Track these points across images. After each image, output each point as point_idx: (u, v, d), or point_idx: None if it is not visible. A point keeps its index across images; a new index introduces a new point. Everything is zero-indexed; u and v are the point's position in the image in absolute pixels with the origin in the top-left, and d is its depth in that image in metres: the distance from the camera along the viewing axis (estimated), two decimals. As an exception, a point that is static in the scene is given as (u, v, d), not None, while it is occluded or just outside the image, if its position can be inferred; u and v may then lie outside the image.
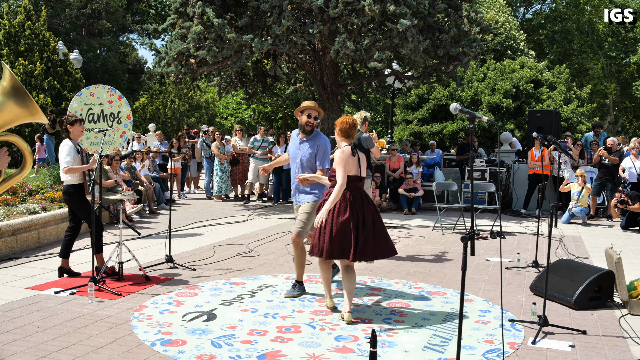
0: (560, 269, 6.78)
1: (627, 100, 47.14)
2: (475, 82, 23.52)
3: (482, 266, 8.36)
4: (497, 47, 31.10)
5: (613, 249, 6.68)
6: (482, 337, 5.33)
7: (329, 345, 5.03)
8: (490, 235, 10.99)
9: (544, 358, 4.87)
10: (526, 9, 47.63)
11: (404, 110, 24.88)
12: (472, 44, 14.77)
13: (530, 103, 22.53)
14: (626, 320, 5.85)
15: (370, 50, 13.39)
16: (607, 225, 13.06)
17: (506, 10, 34.56)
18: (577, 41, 43.04)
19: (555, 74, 25.53)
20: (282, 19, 12.94)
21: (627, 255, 9.33)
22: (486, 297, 6.67)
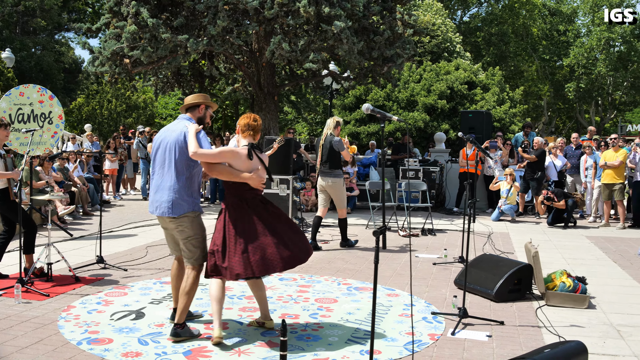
0: (482, 264, 7.05)
1: (560, 101, 48.58)
2: (411, 83, 23.92)
3: (412, 262, 8.57)
4: (434, 49, 31.66)
5: (532, 243, 6.97)
6: (404, 329, 5.51)
7: (255, 340, 5.14)
8: (422, 232, 11.27)
9: (462, 348, 5.08)
10: (463, 12, 48.61)
11: (342, 111, 25.11)
12: (406, 46, 15.06)
13: (464, 104, 23.03)
14: (542, 311, 6.12)
15: (306, 51, 13.54)
16: (535, 222, 13.53)
17: (443, 13, 35.20)
18: (513, 44, 44.13)
19: (489, 76, 26.16)
20: (217, 20, 12.97)
21: (550, 250, 9.72)
22: (412, 292, 6.86)
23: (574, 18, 48.18)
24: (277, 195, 12.03)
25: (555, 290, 6.45)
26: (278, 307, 6.15)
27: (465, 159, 14.46)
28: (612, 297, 6.86)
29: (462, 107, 22.62)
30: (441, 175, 15.70)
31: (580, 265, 8.53)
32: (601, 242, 10.80)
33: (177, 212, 5.11)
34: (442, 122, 22.45)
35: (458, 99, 23.29)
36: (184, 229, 5.17)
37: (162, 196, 5.15)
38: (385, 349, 4.97)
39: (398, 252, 9.37)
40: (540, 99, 48.82)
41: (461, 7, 48.01)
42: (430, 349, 5.04)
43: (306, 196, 14.45)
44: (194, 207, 5.21)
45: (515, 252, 9.62)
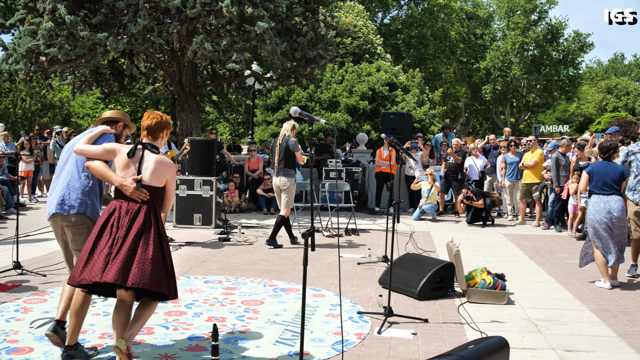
0: (405, 263, 7.18)
1: (477, 103, 49.99)
2: (333, 84, 24.08)
3: (335, 262, 8.65)
4: (356, 51, 31.97)
5: (453, 242, 7.14)
6: (331, 329, 5.55)
7: (182, 344, 5.07)
8: (346, 232, 11.37)
9: (388, 346, 5.16)
10: (384, 14, 49.31)
11: (264, 111, 25.04)
12: (329, 47, 15.17)
13: (385, 105, 23.35)
14: (464, 308, 6.29)
15: (229, 51, 13.45)
16: (455, 221, 13.87)
17: (364, 15, 35.61)
18: (432, 46, 45.08)
19: (409, 78, 26.62)
20: (138, 18, 12.73)
21: (470, 248, 9.98)
22: (338, 292, 6.92)
23: (490, 22, 49.68)
24: (201, 197, 11.93)
25: (476, 287, 6.63)
26: (204, 310, 6.08)
27: (382, 159, 14.70)
28: (529, 292, 7.11)
29: (384, 108, 22.92)
30: (363, 176, 15.89)
31: (498, 263, 8.80)
32: (518, 240, 11.18)
33: (68, 210, 4.77)
34: (364, 123, 22.69)
35: (379, 100, 23.59)
36: (73, 230, 4.81)
37: (54, 196, 4.84)
38: (314, 349, 5.00)
39: (323, 252, 9.43)
40: (458, 100, 50.12)
41: (381, 10, 48.69)
42: (358, 348, 5.10)
43: (229, 197, 14.35)
44: (86, 209, 4.81)
45: (436, 250, 9.84)
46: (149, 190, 4.39)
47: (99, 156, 4.51)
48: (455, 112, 51.33)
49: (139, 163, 4.43)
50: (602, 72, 77.79)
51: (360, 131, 21.27)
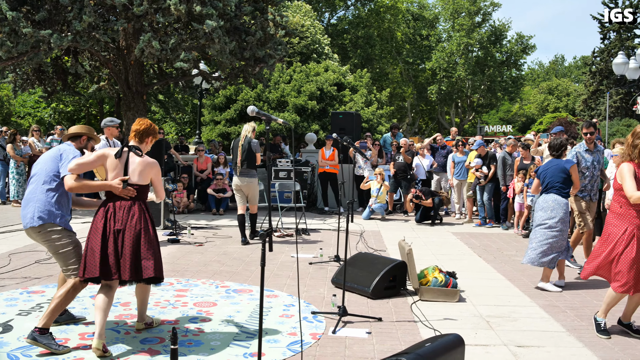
0: (358, 262, 7.20)
1: (423, 103, 50.63)
2: (281, 84, 24.05)
3: (287, 263, 8.63)
4: (304, 51, 32.02)
5: (405, 241, 7.19)
6: (286, 330, 5.52)
7: (134, 348, 4.97)
8: (296, 232, 11.34)
9: (343, 346, 5.16)
10: (331, 14, 49.47)
11: (212, 111, 24.85)
12: (278, 47, 15.12)
13: (334, 105, 23.45)
14: (417, 306, 6.34)
15: (177, 50, 13.28)
16: (404, 220, 13.99)
17: (312, 15, 35.67)
18: (379, 47, 45.44)
19: (357, 78, 26.78)
20: (83, 15, 12.45)
21: (420, 247, 10.07)
22: (291, 292, 6.90)
23: (436, 23, 50.37)
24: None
25: (429, 285, 6.69)
26: (156, 313, 5.98)
27: (325, 159, 14.75)
28: (479, 290, 7.22)
29: (332, 108, 23.01)
30: (312, 176, 15.90)
31: (448, 261, 8.91)
32: (466, 238, 11.34)
33: (38, 222, 5.04)
34: (312, 122, 22.73)
35: (328, 99, 23.67)
36: (50, 241, 5.10)
37: (26, 210, 5.10)
38: (269, 350, 4.97)
39: (274, 253, 9.37)
40: (405, 100, 50.63)
41: (328, 10, 48.85)
42: (313, 349, 5.08)
43: (177, 198, 14.18)
44: (55, 219, 5.09)
45: (387, 249, 9.90)
46: (136, 188, 5.00)
47: (94, 165, 5.03)
48: (402, 112, 51.89)
49: (125, 164, 5.00)
50: (543, 73, 79.76)
51: (308, 131, 21.31)
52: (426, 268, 6.94)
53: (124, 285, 5.10)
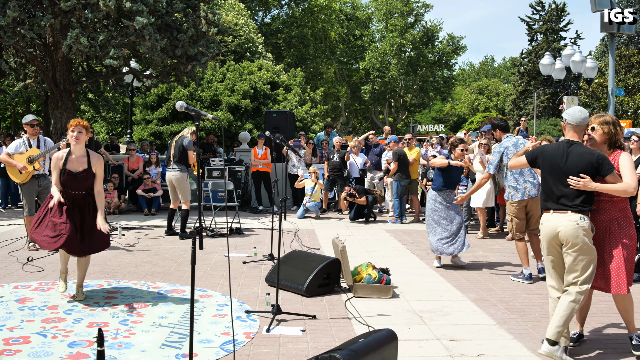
0: (292, 260, 7.18)
1: (356, 102, 50.98)
2: (215, 82, 23.83)
3: (221, 262, 8.54)
4: (237, 49, 31.81)
5: (339, 238, 7.21)
6: (219, 330, 5.45)
7: (61, 352, 4.81)
8: (230, 232, 11.25)
9: (277, 344, 5.13)
10: (265, 13, 49.31)
11: (143, 110, 24.39)
12: (210, 45, 14.97)
13: (267, 104, 23.37)
14: (351, 303, 6.35)
15: (106, 47, 13.00)
16: (338, 218, 14.05)
17: (245, 13, 35.47)
18: (312, 46, 45.52)
19: (291, 77, 26.77)
20: (7, 9, 12.05)
21: (354, 244, 10.12)
22: (224, 292, 6.82)
23: (369, 24, 50.80)
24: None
25: (362, 282, 6.73)
26: (85, 316, 5.81)
27: (257, 158, 14.71)
28: (413, 286, 7.29)
29: (266, 106, 22.93)
30: (246, 175, 15.80)
31: (382, 258, 8.97)
32: (399, 235, 11.46)
33: None
34: (246, 121, 22.60)
35: (261, 98, 23.58)
36: None
37: None
38: (202, 350, 4.89)
39: (207, 252, 9.27)
40: (339, 100, 50.90)
41: (262, 9, 48.68)
42: (247, 348, 5.03)
43: (108, 198, 13.85)
44: None
45: (321, 247, 9.91)
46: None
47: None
48: (336, 112, 52.15)
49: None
50: (474, 74, 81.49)
51: (242, 130, 21.17)
52: (360, 265, 6.97)
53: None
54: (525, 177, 7.78)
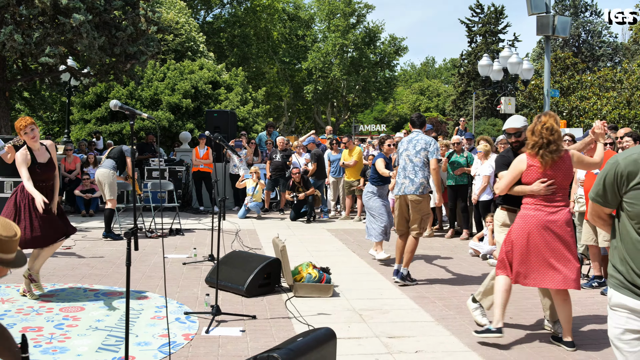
0: (232, 260, 7.14)
1: (299, 102, 50.99)
2: (155, 81, 23.50)
3: (160, 263, 8.43)
4: (178, 48, 31.43)
5: (279, 238, 7.21)
6: (158, 332, 5.39)
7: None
8: (170, 232, 11.13)
9: (217, 345, 5.10)
10: (207, 12, 48.85)
11: (81, 109, 23.87)
12: (150, 43, 14.78)
13: (209, 103, 23.18)
14: (292, 302, 6.36)
15: (41, 44, 12.69)
16: (280, 218, 14.04)
17: (186, 12, 35.09)
18: (255, 46, 45.31)
19: (232, 76, 26.61)
20: None
21: (295, 244, 10.14)
22: (163, 293, 6.74)
23: (312, 24, 50.88)
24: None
25: (303, 281, 6.74)
26: (18, 321, 5.67)
27: (199, 158, 14.61)
28: (353, 284, 7.35)
29: (207, 106, 22.74)
30: (187, 175, 15.64)
31: (323, 257, 9.00)
32: (341, 234, 11.53)
33: None
34: (187, 121, 22.37)
35: (202, 98, 23.37)
36: None
37: None
38: (139, 353, 4.82)
39: (146, 254, 9.15)
40: (281, 99, 50.83)
41: (204, 7, 48.23)
42: (186, 349, 4.99)
43: (44, 199, 13.52)
44: None
45: (262, 247, 9.89)
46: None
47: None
48: (279, 111, 52.07)
49: None
50: (415, 74, 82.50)
51: (183, 129, 20.93)
52: (300, 264, 6.99)
53: None
54: (407, 172, 7.60)
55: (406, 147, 7.72)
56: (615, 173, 2.79)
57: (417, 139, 7.69)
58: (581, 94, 29.67)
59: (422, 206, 7.53)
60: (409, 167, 7.57)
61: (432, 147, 7.55)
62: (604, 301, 6.75)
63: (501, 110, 21.99)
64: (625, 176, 2.75)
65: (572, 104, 29.26)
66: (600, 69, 37.68)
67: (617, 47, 50.19)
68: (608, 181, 2.84)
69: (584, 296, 7.06)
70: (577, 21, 48.95)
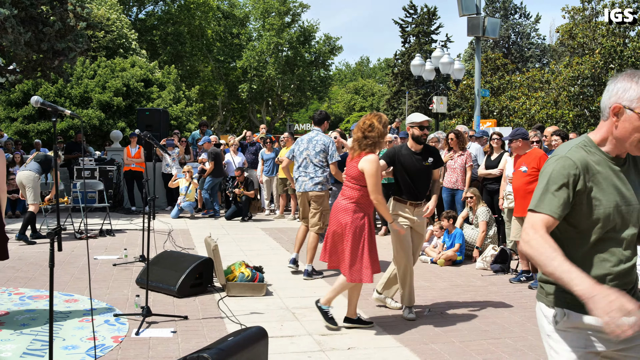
0: (163, 261, 7.04)
1: (234, 101, 50.63)
2: (85, 79, 22.97)
3: (90, 265, 8.23)
4: (109, 45, 30.80)
5: (211, 237, 7.14)
6: (86, 335, 5.26)
7: None
8: (100, 233, 10.89)
9: (147, 346, 5.01)
10: (139, 9, 47.98)
11: (7, 107, 23.14)
12: (79, 40, 14.44)
13: (141, 102, 22.81)
14: (224, 302, 6.31)
15: (-37, 39, 12.23)
16: (214, 217, 13.91)
17: (118, 8, 34.41)
18: (189, 44, 44.75)
19: (165, 74, 26.24)
20: None
21: (229, 243, 10.08)
22: (93, 296, 6.58)
23: (246, 22, 50.60)
24: None
25: (235, 280, 6.70)
26: (-64, 326, 5.45)
27: (130, 157, 14.37)
28: (286, 283, 7.35)
29: (139, 104, 22.36)
30: (118, 174, 15.33)
31: (257, 256, 8.98)
32: (275, 233, 11.50)
33: None
34: (118, 119, 21.94)
35: (134, 96, 22.98)
36: None
37: None
38: (66, 357, 4.70)
39: (76, 255, 8.93)
40: (216, 98, 50.37)
41: (137, 4, 47.36)
42: (115, 352, 4.89)
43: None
44: None
45: (195, 247, 9.78)
46: None
47: None
48: (213, 110, 51.57)
49: None
50: (350, 74, 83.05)
51: (114, 128, 20.52)
52: (233, 264, 6.94)
53: None
54: (308, 171, 7.89)
55: (306, 146, 7.93)
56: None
57: (316, 139, 7.92)
58: (511, 94, 30.42)
59: (322, 201, 7.87)
60: (310, 168, 7.84)
61: (331, 149, 7.79)
62: (532, 294, 6.95)
63: (434, 109, 22.34)
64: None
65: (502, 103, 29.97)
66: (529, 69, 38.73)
67: (545, 49, 51.63)
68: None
69: (512, 290, 7.25)
70: (507, 23, 50.18)
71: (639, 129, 2.35)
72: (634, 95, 2.33)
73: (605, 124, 2.46)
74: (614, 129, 2.40)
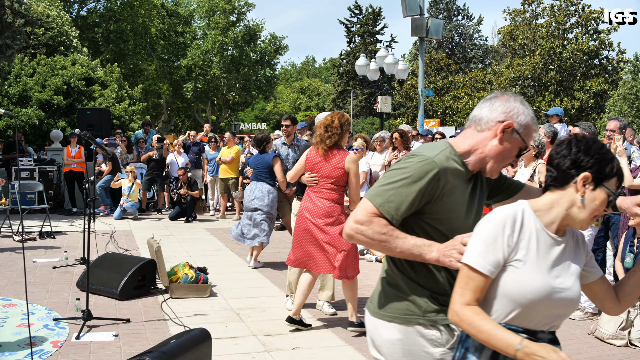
0: (105, 263, 6.92)
1: (178, 100, 50.11)
2: (24, 77, 22.34)
3: (29, 268, 8.00)
4: (49, 42, 30.06)
5: (154, 238, 7.05)
6: (23, 340, 5.12)
7: None
8: (40, 236, 10.63)
9: (88, 351, 4.92)
10: (80, 6, 46.97)
11: (-58, 106, 22.38)
12: (17, 37, 14.08)
13: (82, 101, 22.30)
14: (167, 304, 6.24)
15: None
16: (157, 218, 13.75)
17: (58, 4, 33.64)
18: (132, 42, 44.04)
19: (107, 73, 25.76)
20: None
21: (173, 244, 9.97)
22: (31, 300, 6.41)
23: (191, 21, 50.11)
24: None
25: (179, 282, 6.63)
26: None
27: (70, 158, 14.10)
28: (231, 283, 7.31)
29: (80, 103, 21.87)
30: (59, 175, 14.98)
31: (201, 257, 8.90)
32: (219, 234, 11.43)
33: None
34: (58, 119, 21.43)
35: (75, 95, 22.45)
36: None
37: None
38: (2, 364, 4.58)
39: (14, 258, 8.70)
40: (160, 97, 49.72)
41: (78, 1, 46.37)
42: (54, 357, 4.78)
43: None
44: None
45: (139, 249, 9.64)
46: None
47: None
48: (157, 110, 50.89)
49: None
50: (295, 73, 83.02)
51: (54, 128, 20.03)
52: (176, 265, 6.87)
53: None
54: None
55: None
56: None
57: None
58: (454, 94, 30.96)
59: None
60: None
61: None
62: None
63: (378, 109, 22.49)
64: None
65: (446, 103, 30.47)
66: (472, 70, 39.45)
67: (487, 50, 52.58)
68: None
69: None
70: (450, 24, 50.93)
71: (514, 154, 2.37)
72: (524, 121, 2.33)
73: (479, 135, 2.39)
74: (489, 144, 2.35)
